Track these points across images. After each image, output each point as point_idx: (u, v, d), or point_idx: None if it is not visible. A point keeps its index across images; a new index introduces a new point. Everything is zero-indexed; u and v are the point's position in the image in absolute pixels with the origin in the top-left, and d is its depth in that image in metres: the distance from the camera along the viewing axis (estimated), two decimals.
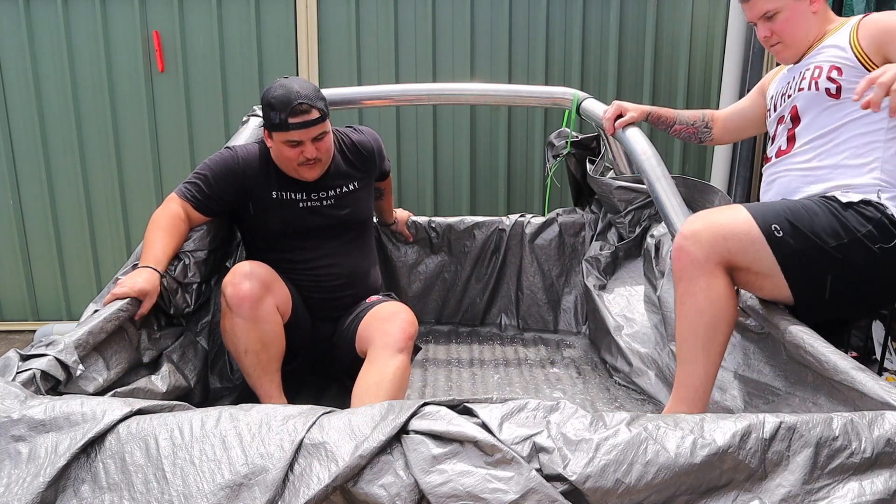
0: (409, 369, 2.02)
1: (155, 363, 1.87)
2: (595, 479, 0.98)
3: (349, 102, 2.77)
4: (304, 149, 2.04)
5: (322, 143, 2.06)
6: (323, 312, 2.23)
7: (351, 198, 2.23)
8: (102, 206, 3.95)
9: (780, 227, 1.57)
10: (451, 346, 2.79)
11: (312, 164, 2.08)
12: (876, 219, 1.56)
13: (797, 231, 1.57)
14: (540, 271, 2.96)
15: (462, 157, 3.95)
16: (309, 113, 1.99)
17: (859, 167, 1.65)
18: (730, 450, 1.01)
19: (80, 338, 1.51)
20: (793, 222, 1.58)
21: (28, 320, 4.13)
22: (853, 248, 1.55)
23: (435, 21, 3.80)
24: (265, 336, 2.00)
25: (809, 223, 1.58)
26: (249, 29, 3.75)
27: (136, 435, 1.03)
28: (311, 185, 2.15)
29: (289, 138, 2.02)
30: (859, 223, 1.56)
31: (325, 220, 2.19)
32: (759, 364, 1.77)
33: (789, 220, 1.58)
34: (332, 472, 0.98)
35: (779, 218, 1.59)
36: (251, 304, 1.96)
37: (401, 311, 2.09)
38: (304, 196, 2.16)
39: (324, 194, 2.18)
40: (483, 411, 1.05)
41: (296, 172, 2.10)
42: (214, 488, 0.98)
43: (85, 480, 1.01)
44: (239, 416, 1.07)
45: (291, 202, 2.14)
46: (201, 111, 3.85)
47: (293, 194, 2.14)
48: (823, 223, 1.57)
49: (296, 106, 1.97)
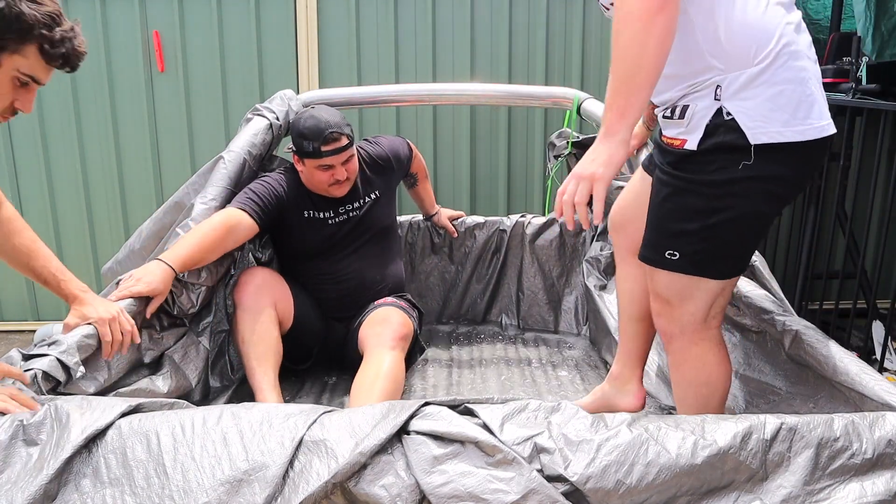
0: (403, 366, 2.19)
1: (156, 363, 1.87)
2: (596, 479, 0.98)
3: (349, 102, 2.77)
4: (335, 172, 2.26)
5: (350, 165, 2.30)
6: (338, 312, 2.43)
7: (374, 207, 2.46)
8: (102, 206, 3.94)
9: (671, 250, 1.47)
10: (452, 347, 2.79)
11: (342, 184, 2.31)
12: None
13: (681, 233, 1.45)
14: (540, 272, 2.96)
15: (462, 157, 3.95)
16: (339, 140, 2.22)
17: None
18: (731, 450, 1.02)
19: (82, 338, 1.51)
20: (669, 229, 1.47)
21: (28, 320, 4.12)
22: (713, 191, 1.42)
23: (435, 21, 3.80)
24: (259, 328, 2.15)
25: (679, 214, 1.45)
26: (249, 29, 3.75)
27: (137, 431, 1.04)
28: (337, 202, 2.38)
29: (321, 164, 2.24)
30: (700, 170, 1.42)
31: (352, 232, 2.42)
32: (760, 364, 1.78)
33: (660, 228, 1.49)
34: (331, 468, 0.98)
35: (655, 240, 1.51)
36: (249, 296, 2.17)
37: (393, 315, 2.28)
38: (331, 213, 2.39)
39: (349, 206, 2.40)
40: (484, 412, 1.05)
41: (326, 192, 2.33)
42: (214, 483, 0.98)
43: (86, 475, 1.01)
44: (240, 413, 1.07)
45: (321, 220, 2.38)
46: (201, 111, 3.85)
47: (322, 213, 2.38)
48: (687, 202, 1.44)
49: (327, 135, 2.20)
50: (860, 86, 3.07)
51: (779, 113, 1.35)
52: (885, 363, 3.17)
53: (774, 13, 1.36)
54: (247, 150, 2.35)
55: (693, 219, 1.43)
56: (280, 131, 2.51)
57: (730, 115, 1.36)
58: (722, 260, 1.46)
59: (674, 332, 1.56)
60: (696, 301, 1.50)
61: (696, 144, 1.40)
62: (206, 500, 0.97)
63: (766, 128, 1.35)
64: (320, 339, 2.44)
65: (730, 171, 1.38)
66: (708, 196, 1.41)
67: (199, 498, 0.97)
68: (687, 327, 1.53)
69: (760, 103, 1.35)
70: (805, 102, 1.36)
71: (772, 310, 1.68)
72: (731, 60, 1.36)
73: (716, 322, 1.55)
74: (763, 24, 1.35)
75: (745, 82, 1.35)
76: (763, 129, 1.35)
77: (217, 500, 0.97)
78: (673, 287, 1.51)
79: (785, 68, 1.35)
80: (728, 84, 1.37)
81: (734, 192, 1.39)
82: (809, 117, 1.37)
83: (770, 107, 1.35)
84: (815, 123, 1.37)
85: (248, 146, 2.36)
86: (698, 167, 1.41)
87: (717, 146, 1.38)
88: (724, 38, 1.36)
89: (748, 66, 1.35)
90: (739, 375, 1.84)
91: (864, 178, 3.42)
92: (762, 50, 1.34)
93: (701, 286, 1.48)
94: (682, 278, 1.48)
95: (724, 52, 1.36)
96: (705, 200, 1.41)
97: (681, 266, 1.47)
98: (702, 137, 1.39)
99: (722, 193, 1.40)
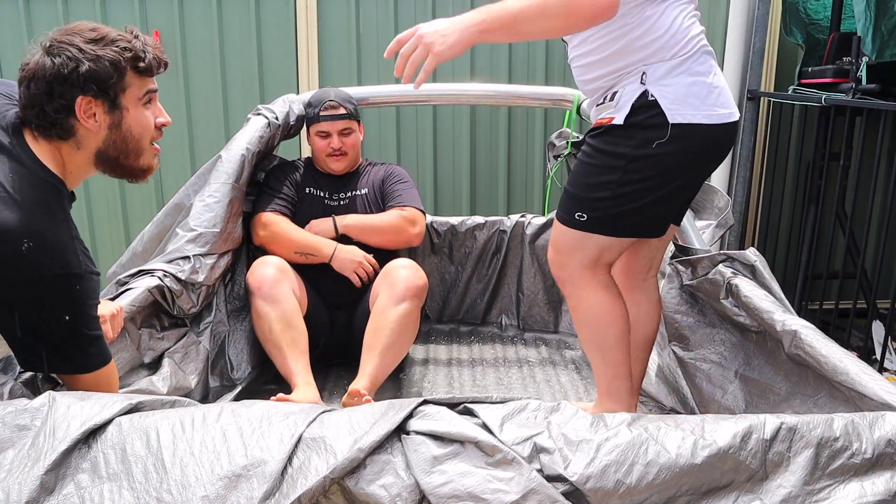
0: (415, 316, 2.32)
1: (156, 364, 1.87)
2: (596, 479, 0.98)
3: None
4: (332, 141, 2.50)
5: (347, 139, 2.52)
6: (338, 299, 2.49)
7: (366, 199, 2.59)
8: (102, 206, 3.94)
9: (580, 212, 1.71)
10: (452, 346, 2.79)
11: (339, 157, 2.52)
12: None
13: (587, 198, 1.69)
14: (540, 272, 2.96)
15: (462, 157, 3.95)
16: (336, 108, 2.50)
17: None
18: (731, 450, 1.02)
19: None
20: (580, 193, 1.70)
21: None
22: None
23: None
24: (286, 315, 2.23)
25: (594, 181, 1.68)
26: (249, 29, 3.75)
27: (137, 427, 1.04)
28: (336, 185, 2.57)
29: (319, 129, 2.51)
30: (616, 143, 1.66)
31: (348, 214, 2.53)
32: (760, 364, 1.77)
33: (575, 195, 1.72)
34: (330, 464, 0.98)
35: (569, 204, 1.74)
36: (270, 285, 2.24)
37: (407, 266, 2.37)
38: (328, 194, 2.56)
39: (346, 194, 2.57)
40: (484, 412, 1.05)
41: (325, 164, 2.55)
42: (213, 479, 0.98)
43: (84, 470, 1.01)
44: (240, 411, 1.07)
45: (319, 198, 2.55)
46: (201, 111, 3.85)
47: (321, 192, 2.56)
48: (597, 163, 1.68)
49: (326, 103, 2.50)
50: (860, 86, 3.07)
51: (692, 99, 1.61)
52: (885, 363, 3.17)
53: (690, 23, 1.65)
54: (245, 147, 2.36)
55: (605, 187, 1.66)
56: (279, 131, 2.52)
57: (653, 97, 1.61)
58: (623, 223, 1.70)
59: (564, 278, 1.81)
60: (584, 251, 1.74)
61: (623, 120, 1.64)
62: (204, 495, 0.96)
63: (682, 110, 1.60)
64: (327, 328, 2.49)
65: (646, 146, 1.62)
66: (623, 168, 1.64)
67: (197, 492, 0.97)
68: (574, 273, 1.77)
69: (678, 89, 1.61)
70: (714, 93, 1.64)
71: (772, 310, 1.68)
72: (657, 54, 1.62)
73: (602, 271, 1.78)
74: (684, 29, 1.63)
75: (667, 71, 1.62)
76: (679, 111, 1.60)
77: (215, 494, 0.96)
78: (566, 238, 1.76)
79: (699, 63, 1.64)
80: (653, 72, 1.62)
81: (647, 165, 1.63)
82: (717, 104, 1.63)
83: (686, 93, 1.61)
84: (720, 110, 1.64)
85: (246, 143, 2.37)
86: (619, 140, 1.65)
87: (638, 123, 1.62)
88: (653, 38, 1.61)
89: (671, 59, 1.62)
90: (739, 375, 1.84)
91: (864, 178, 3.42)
92: (683, 48, 1.62)
93: (592, 239, 1.72)
94: (576, 232, 1.73)
95: (653, 47, 1.62)
96: (620, 173, 1.65)
97: (586, 226, 1.71)
98: (628, 114, 1.63)
99: (636, 166, 1.63)
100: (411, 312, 2.27)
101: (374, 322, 2.24)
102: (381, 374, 2.20)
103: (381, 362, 2.17)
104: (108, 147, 1.31)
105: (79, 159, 1.30)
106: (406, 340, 2.31)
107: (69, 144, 1.28)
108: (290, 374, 2.17)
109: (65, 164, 1.29)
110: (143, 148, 1.35)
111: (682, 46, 1.62)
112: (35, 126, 1.26)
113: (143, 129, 1.34)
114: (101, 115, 1.28)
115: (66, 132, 1.27)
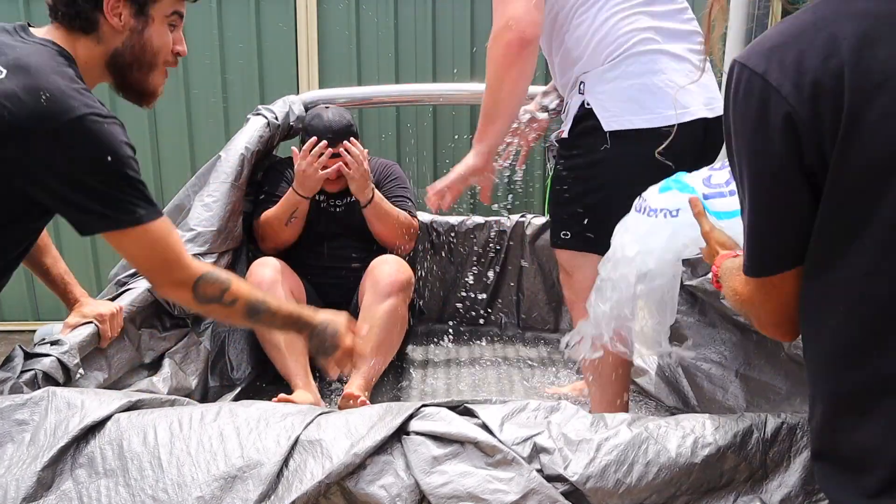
0: (402, 312, 2.29)
1: (157, 364, 1.87)
2: (596, 479, 0.98)
3: (349, 102, 2.80)
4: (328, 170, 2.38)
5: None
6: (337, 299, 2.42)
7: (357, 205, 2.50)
8: None
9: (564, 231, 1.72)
10: (452, 346, 2.79)
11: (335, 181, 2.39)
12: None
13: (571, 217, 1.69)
14: (540, 272, 2.95)
15: (462, 157, 3.94)
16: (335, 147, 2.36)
17: None
18: (731, 450, 1.01)
19: (84, 339, 1.52)
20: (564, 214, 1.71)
21: (28, 320, 4.12)
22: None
23: (435, 21, 3.80)
24: None
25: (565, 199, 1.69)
26: (249, 29, 3.75)
27: (135, 424, 1.04)
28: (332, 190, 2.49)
29: None
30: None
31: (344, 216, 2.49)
32: (760, 363, 1.78)
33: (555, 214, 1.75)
34: (325, 468, 0.98)
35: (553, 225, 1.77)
36: (268, 286, 2.18)
37: (390, 261, 2.35)
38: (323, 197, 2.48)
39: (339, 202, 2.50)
40: (483, 412, 1.05)
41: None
42: (209, 479, 0.98)
43: (82, 465, 1.01)
44: (238, 411, 1.07)
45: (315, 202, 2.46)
46: (201, 111, 3.85)
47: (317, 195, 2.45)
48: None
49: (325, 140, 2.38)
50: None
51: (630, 103, 1.56)
52: None
53: (631, 21, 1.58)
54: (244, 147, 2.36)
55: (575, 200, 1.67)
56: (279, 131, 2.52)
57: (589, 106, 1.60)
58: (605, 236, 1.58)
59: (572, 298, 1.79)
60: (585, 270, 1.69)
61: (568, 132, 1.67)
62: (199, 495, 0.96)
63: (618, 117, 1.57)
64: None
65: (593, 154, 1.61)
66: (582, 179, 1.65)
67: (193, 492, 0.97)
68: (580, 294, 1.70)
69: (612, 95, 1.58)
70: (655, 95, 1.55)
71: None
72: (589, 61, 1.61)
73: None
74: (615, 32, 1.58)
75: (599, 77, 1.59)
76: (615, 118, 1.57)
77: (211, 495, 0.97)
78: (563, 259, 1.78)
79: (636, 64, 1.57)
80: (588, 79, 1.61)
81: (601, 173, 1.62)
82: (663, 106, 1.54)
83: (621, 97, 1.57)
84: (662, 113, 1.54)
85: (245, 143, 2.37)
86: (570, 153, 1.67)
87: (580, 132, 1.63)
88: (584, 45, 1.61)
89: (602, 64, 1.59)
90: (740, 375, 1.84)
91: None
92: (614, 51, 1.58)
93: (587, 258, 1.67)
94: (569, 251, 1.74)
95: (584, 55, 1.61)
96: (581, 184, 1.65)
97: (572, 244, 1.71)
98: (570, 126, 1.66)
99: (591, 175, 1.63)
100: (398, 308, 2.25)
101: (362, 321, 2.22)
102: (374, 372, 2.19)
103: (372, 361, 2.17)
104: (126, 50, 1.33)
105: (95, 55, 1.32)
106: (395, 336, 2.29)
107: (90, 38, 1.30)
108: (290, 375, 2.16)
109: (79, 57, 1.30)
110: (156, 64, 1.37)
111: (614, 49, 1.58)
112: (62, 15, 1.29)
113: (162, 45, 1.36)
114: (126, 16, 1.30)
115: (89, 25, 1.29)
